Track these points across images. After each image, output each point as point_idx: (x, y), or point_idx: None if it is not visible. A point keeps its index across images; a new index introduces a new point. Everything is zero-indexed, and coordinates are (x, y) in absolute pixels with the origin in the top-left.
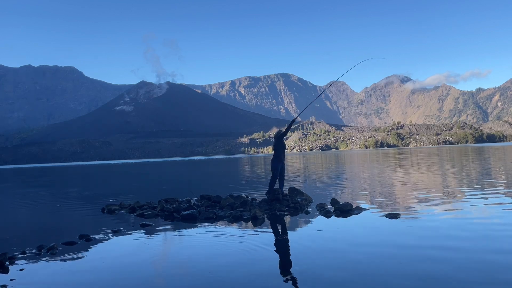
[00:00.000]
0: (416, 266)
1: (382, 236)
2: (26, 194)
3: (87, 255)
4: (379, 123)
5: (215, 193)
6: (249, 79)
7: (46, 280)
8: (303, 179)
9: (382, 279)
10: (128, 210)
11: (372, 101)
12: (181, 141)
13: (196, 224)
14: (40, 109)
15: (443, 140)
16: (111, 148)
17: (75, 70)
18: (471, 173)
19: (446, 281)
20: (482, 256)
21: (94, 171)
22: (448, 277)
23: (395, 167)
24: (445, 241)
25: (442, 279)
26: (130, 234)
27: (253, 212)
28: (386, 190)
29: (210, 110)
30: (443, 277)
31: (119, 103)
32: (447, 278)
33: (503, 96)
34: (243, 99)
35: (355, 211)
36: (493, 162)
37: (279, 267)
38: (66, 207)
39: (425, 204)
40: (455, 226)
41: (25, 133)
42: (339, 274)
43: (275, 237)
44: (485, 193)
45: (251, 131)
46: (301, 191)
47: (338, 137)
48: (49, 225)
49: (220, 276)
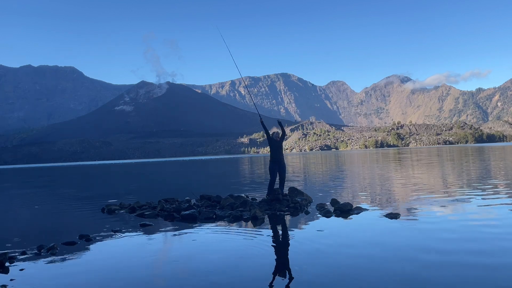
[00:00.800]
0: (416, 267)
1: (382, 237)
2: (26, 194)
3: (87, 255)
4: (379, 123)
5: (215, 193)
6: (249, 79)
7: (46, 280)
8: (303, 179)
9: (382, 279)
10: (128, 210)
11: (372, 101)
12: (181, 141)
13: (196, 224)
14: (40, 109)
15: (443, 140)
16: (111, 148)
17: (75, 70)
18: (471, 173)
19: (444, 284)
20: (482, 259)
21: (94, 171)
22: (447, 279)
23: (395, 167)
24: (444, 241)
25: (441, 282)
26: (130, 234)
27: (253, 212)
28: (386, 190)
29: (210, 110)
30: (442, 279)
31: (119, 103)
32: (446, 280)
33: (503, 96)
34: (243, 99)
35: (355, 211)
36: (493, 162)
37: (279, 267)
38: (66, 207)
39: (425, 205)
40: (455, 226)
41: (25, 133)
42: (339, 274)
43: (275, 237)
44: (485, 193)
45: (251, 131)
46: (301, 191)
47: (338, 137)
48: (49, 225)
49: (220, 276)
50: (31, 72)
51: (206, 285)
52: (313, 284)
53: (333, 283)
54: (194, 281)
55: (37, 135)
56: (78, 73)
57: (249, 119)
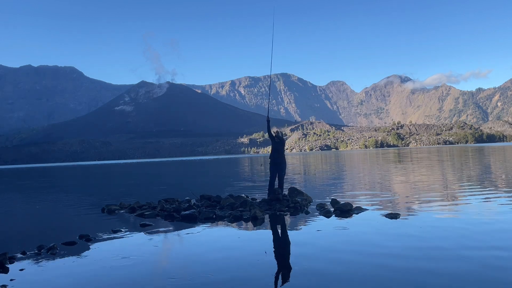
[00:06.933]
0: (416, 267)
1: (381, 237)
2: (26, 195)
3: (87, 255)
4: (379, 123)
5: (215, 193)
6: (249, 79)
7: (46, 280)
8: (303, 179)
9: (382, 280)
10: (128, 210)
11: (372, 101)
12: (181, 141)
13: (196, 224)
14: (40, 109)
15: (443, 140)
16: (111, 148)
17: (75, 70)
18: (471, 173)
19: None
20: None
21: (94, 171)
22: (446, 279)
23: (395, 167)
24: (444, 241)
25: (441, 282)
26: (130, 234)
27: (253, 212)
28: (386, 190)
29: (210, 110)
30: (442, 279)
31: (119, 103)
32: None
33: (503, 96)
34: (243, 99)
35: (355, 211)
36: (493, 162)
37: (279, 267)
38: (66, 207)
39: (425, 204)
40: (455, 226)
41: (25, 133)
42: (338, 274)
43: (274, 237)
44: (485, 193)
45: (251, 131)
46: (301, 191)
47: (338, 137)
48: (49, 225)
49: (220, 276)
50: (31, 72)
51: (207, 285)
52: (313, 284)
53: (333, 283)
54: (194, 281)
55: (37, 135)
56: (78, 73)
57: (249, 119)
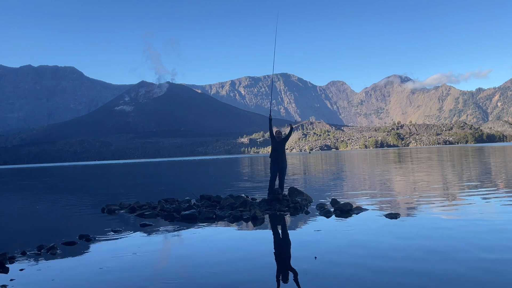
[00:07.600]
0: (416, 267)
1: (381, 237)
2: (26, 195)
3: (87, 255)
4: (379, 123)
5: (215, 193)
6: (249, 79)
7: (46, 280)
8: (303, 179)
9: (382, 280)
10: (128, 210)
11: (372, 101)
12: (181, 141)
13: (196, 224)
14: (40, 109)
15: (443, 140)
16: (111, 148)
17: (75, 70)
18: (471, 173)
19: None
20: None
21: (94, 171)
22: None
23: (395, 167)
24: (444, 240)
25: (441, 282)
26: (130, 234)
27: (253, 212)
28: (386, 190)
29: (210, 110)
30: (442, 279)
31: (119, 103)
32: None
33: (503, 96)
34: (243, 99)
35: (355, 211)
36: (493, 162)
37: (279, 267)
38: (66, 207)
39: (425, 205)
40: (455, 225)
41: (25, 133)
42: (338, 274)
43: (274, 237)
44: (485, 193)
45: (251, 131)
46: (301, 191)
47: (338, 137)
48: (49, 225)
49: (221, 276)
50: (31, 72)
51: (207, 285)
52: (312, 284)
53: (334, 283)
54: (194, 281)
55: (37, 135)
56: (78, 73)
57: (249, 119)
